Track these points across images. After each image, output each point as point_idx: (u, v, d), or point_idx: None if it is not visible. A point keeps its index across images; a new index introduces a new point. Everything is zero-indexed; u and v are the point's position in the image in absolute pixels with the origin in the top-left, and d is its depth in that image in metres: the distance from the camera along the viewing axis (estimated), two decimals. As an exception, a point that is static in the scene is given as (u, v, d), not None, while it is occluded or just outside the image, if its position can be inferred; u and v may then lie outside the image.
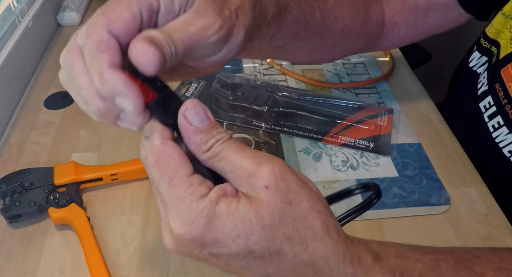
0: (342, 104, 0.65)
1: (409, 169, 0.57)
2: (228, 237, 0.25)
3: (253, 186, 0.26)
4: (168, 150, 0.27)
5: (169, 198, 0.26)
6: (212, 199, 0.26)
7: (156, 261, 0.46)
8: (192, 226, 0.25)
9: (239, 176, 0.27)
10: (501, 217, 0.51)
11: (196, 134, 0.27)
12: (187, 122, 0.27)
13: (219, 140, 0.27)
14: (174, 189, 0.26)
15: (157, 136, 0.27)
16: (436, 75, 1.03)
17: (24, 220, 0.49)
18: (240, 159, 0.27)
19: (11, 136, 0.60)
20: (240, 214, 0.25)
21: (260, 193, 0.26)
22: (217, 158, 0.27)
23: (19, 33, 0.69)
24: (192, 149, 0.27)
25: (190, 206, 0.25)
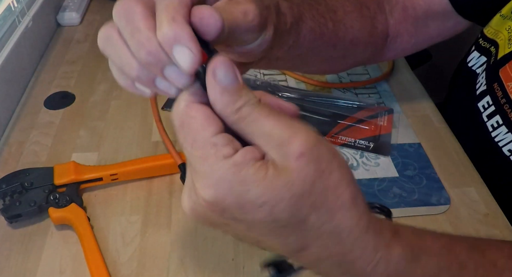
0: (342, 104, 0.65)
1: (409, 169, 0.57)
2: (253, 203, 0.24)
3: (285, 153, 0.25)
4: (191, 112, 0.26)
5: (193, 159, 0.25)
6: (238, 162, 0.24)
7: (156, 261, 0.46)
8: (215, 187, 0.24)
9: (270, 141, 0.25)
10: (501, 217, 0.51)
11: (223, 94, 0.25)
12: (214, 80, 0.25)
13: (247, 101, 0.26)
14: (197, 150, 0.25)
15: (183, 98, 0.26)
16: (436, 75, 1.03)
17: (24, 220, 0.49)
18: (272, 124, 0.25)
19: (11, 136, 0.60)
20: (268, 182, 0.24)
21: (292, 162, 0.25)
22: (246, 121, 0.26)
23: (19, 33, 0.69)
24: (219, 109, 0.26)
25: (213, 167, 0.24)
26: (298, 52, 0.44)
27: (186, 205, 0.27)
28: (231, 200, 0.25)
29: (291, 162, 0.25)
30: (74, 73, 0.73)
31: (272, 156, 0.25)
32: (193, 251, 0.47)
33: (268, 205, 0.24)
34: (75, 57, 0.76)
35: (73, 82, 0.71)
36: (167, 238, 0.48)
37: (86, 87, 0.69)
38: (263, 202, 0.24)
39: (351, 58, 0.54)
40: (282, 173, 0.25)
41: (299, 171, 0.25)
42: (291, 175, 0.25)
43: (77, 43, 0.80)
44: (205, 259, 0.46)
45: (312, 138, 0.25)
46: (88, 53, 0.77)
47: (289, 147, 0.25)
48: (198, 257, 0.46)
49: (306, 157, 0.25)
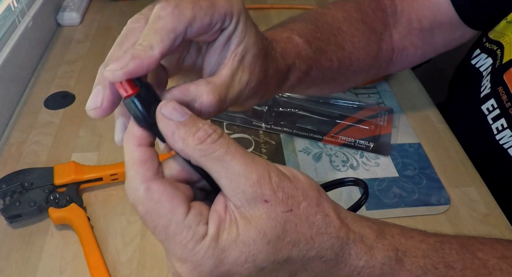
0: (342, 104, 0.65)
1: (409, 169, 0.57)
2: (236, 265, 0.25)
3: (250, 199, 0.25)
4: (154, 197, 0.25)
5: (169, 246, 0.26)
6: (213, 236, 0.25)
7: (156, 261, 0.46)
8: (200, 268, 0.25)
9: (236, 185, 0.25)
10: (501, 217, 0.51)
11: (179, 128, 0.25)
12: (166, 118, 0.26)
13: (210, 134, 0.25)
14: (172, 237, 0.25)
15: (139, 181, 0.26)
16: (436, 75, 1.03)
17: (24, 220, 0.49)
18: (239, 167, 0.25)
19: (11, 136, 0.60)
20: (242, 239, 0.25)
21: (259, 208, 0.25)
22: (212, 157, 0.25)
23: (19, 33, 0.69)
24: (179, 147, 0.26)
25: (194, 251, 0.25)
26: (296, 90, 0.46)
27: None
28: (217, 273, 0.25)
29: (258, 209, 0.25)
30: (74, 73, 0.72)
31: (238, 203, 0.26)
32: (193, 251, 0.47)
33: (250, 260, 0.25)
34: (75, 57, 0.76)
35: (73, 82, 0.71)
36: (167, 238, 0.48)
37: (86, 87, 0.69)
38: (245, 260, 0.25)
39: (352, 82, 0.55)
40: (252, 223, 0.25)
41: (267, 217, 0.25)
42: (261, 223, 0.25)
43: (77, 43, 0.80)
44: (205, 259, 0.46)
45: (275, 179, 0.26)
46: (88, 53, 0.77)
47: (254, 194, 0.25)
48: (198, 257, 0.46)
49: (272, 202, 0.25)
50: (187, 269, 0.25)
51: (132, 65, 0.25)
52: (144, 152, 0.26)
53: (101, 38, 0.81)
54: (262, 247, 0.25)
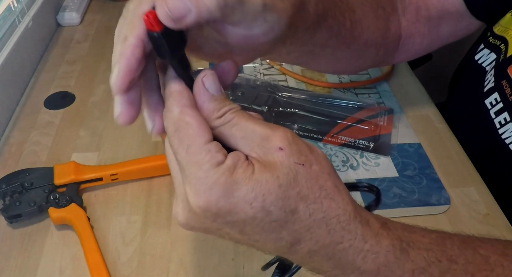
0: (342, 104, 0.65)
1: (409, 169, 0.57)
2: (245, 201, 0.26)
3: (266, 149, 0.27)
4: (186, 119, 0.27)
5: (187, 165, 0.26)
6: (229, 166, 0.26)
7: (156, 261, 0.46)
8: (209, 192, 0.25)
9: (251, 140, 0.27)
10: (501, 217, 0.51)
11: (211, 100, 0.28)
12: (204, 88, 0.28)
13: (231, 108, 0.28)
14: (192, 156, 0.26)
15: (175, 104, 0.28)
16: (436, 75, 1.03)
17: (24, 220, 0.49)
18: (253, 125, 0.27)
19: (11, 136, 0.60)
20: (256, 177, 0.26)
21: (274, 155, 0.26)
22: (229, 124, 0.28)
23: (19, 33, 0.69)
24: (205, 114, 0.28)
25: (208, 173, 0.26)
26: (310, 48, 0.44)
27: (181, 217, 0.28)
28: (223, 203, 0.26)
29: (273, 156, 0.26)
30: (74, 73, 0.72)
31: (254, 155, 0.27)
32: (193, 251, 0.47)
33: (259, 200, 0.26)
34: (75, 57, 0.76)
35: (73, 82, 0.71)
36: (167, 238, 0.48)
37: (86, 87, 0.69)
38: (254, 197, 0.26)
39: (362, 59, 0.54)
40: (266, 167, 0.26)
41: (281, 164, 0.26)
42: (275, 168, 0.26)
43: (77, 43, 0.80)
44: (205, 259, 0.46)
45: (289, 135, 0.27)
46: (88, 53, 0.77)
47: (269, 144, 0.27)
48: (198, 257, 0.46)
49: (286, 151, 0.27)
50: (196, 191, 0.26)
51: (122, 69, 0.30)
52: (181, 83, 0.29)
53: (101, 38, 0.81)
54: (273, 189, 0.26)
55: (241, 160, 0.27)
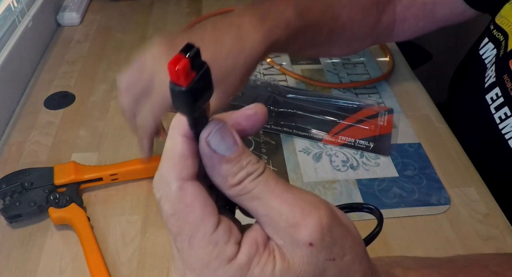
0: (342, 104, 0.65)
1: (409, 169, 0.57)
2: None
3: (293, 240, 0.22)
4: (187, 199, 0.22)
5: (190, 259, 0.22)
6: (243, 264, 0.22)
7: (156, 261, 0.46)
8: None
9: (276, 223, 0.22)
10: (501, 217, 0.51)
11: (221, 163, 0.22)
12: (210, 149, 0.22)
13: (250, 173, 0.22)
14: (196, 250, 0.22)
15: (174, 177, 0.22)
16: (436, 75, 1.03)
17: (24, 220, 0.49)
18: (279, 204, 0.22)
19: (11, 136, 0.60)
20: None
21: (301, 250, 0.22)
22: (248, 196, 0.22)
23: (19, 33, 0.69)
24: (217, 181, 0.23)
25: (216, 274, 0.22)
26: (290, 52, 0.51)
27: None
28: None
29: (300, 251, 0.22)
30: (74, 73, 0.72)
31: (279, 242, 0.22)
32: (193, 251, 0.47)
33: None
34: (75, 57, 0.76)
35: (73, 82, 0.71)
36: (167, 238, 0.48)
37: (86, 87, 0.69)
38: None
39: (349, 48, 0.60)
40: (290, 267, 0.22)
41: (308, 263, 0.22)
42: (300, 267, 0.22)
43: (77, 43, 0.80)
44: (205, 259, 0.46)
45: (324, 222, 0.22)
46: (88, 53, 0.77)
47: (298, 234, 0.22)
48: (198, 257, 0.46)
49: (317, 247, 0.22)
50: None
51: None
52: (188, 146, 0.23)
53: (101, 38, 0.81)
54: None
55: (259, 252, 0.22)
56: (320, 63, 0.75)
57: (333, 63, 0.75)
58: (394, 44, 0.81)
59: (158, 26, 0.85)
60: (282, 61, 0.75)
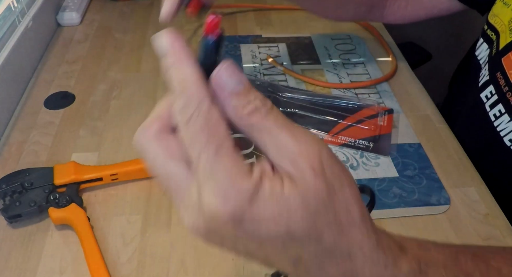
0: (342, 104, 0.65)
1: (409, 169, 0.57)
2: (269, 217, 0.24)
3: (298, 165, 0.24)
4: (215, 115, 0.24)
5: (213, 169, 0.24)
6: (257, 179, 0.24)
7: (156, 261, 0.46)
8: (233, 201, 0.23)
9: (282, 152, 0.25)
10: (501, 217, 0.51)
11: (231, 96, 0.25)
12: (222, 82, 0.25)
13: (259, 107, 0.25)
14: (221, 159, 0.24)
15: (205, 96, 0.24)
16: (436, 75, 1.03)
17: (24, 220, 0.49)
18: (286, 136, 0.25)
19: (11, 136, 0.60)
20: (284, 195, 0.24)
21: (306, 175, 0.24)
22: (257, 127, 0.25)
23: (19, 33, 0.69)
24: (228, 113, 0.25)
25: (235, 182, 0.23)
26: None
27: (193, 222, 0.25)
28: (249, 213, 0.24)
29: (305, 175, 0.24)
30: (74, 73, 0.73)
31: (285, 169, 0.24)
32: (193, 251, 0.47)
33: (285, 218, 0.24)
34: (75, 57, 0.77)
35: (73, 82, 0.71)
36: (167, 238, 0.48)
37: (86, 87, 0.70)
38: (280, 215, 0.24)
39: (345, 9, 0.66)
40: (297, 186, 0.24)
41: (314, 185, 0.24)
42: (305, 188, 0.24)
43: (77, 43, 0.80)
44: (205, 259, 0.46)
45: (325, 154, 0.25)
46: (88, 53, 0.77)
47: (303, 160, 0.24)
48: (198, 257, 0.47)
49: (320, 171, 0.24)
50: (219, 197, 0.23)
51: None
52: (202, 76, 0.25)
53: (101, 38, 0.81)
54: (300, 210, 0.24)
55: (268, 172, 0.25)
56: (320, 63, 0.75)
57: (333, 63, 0.75)
58: (395, 44, 0.81)
59: (158, 26, 0.85)
60: (282, 61, 0.75)
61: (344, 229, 0.25)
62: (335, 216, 0.25)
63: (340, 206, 0.25)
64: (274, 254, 0.25)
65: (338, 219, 0.25)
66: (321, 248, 0.25)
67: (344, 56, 0.77)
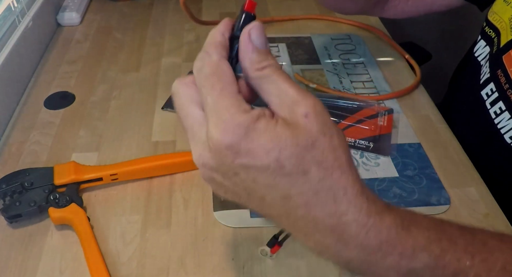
0: (342, 104, 0.65)
1: (409, 169, 0.57)
2: (262, 149, 0.27)
3: (294, 111, 0.28)
4: (223, 67, 0.29)
5: (215, 106, 0.28)
6: (254, 115, 0.27)
7: (156, 261, 0.46)
8: (231, 133, 0.27)
9: (283, 101, 0.28)
10: (501, 217, 0.51)
11: (254, 51, 0.29)
12: (249, 38, 0.29)
13: (272, 65, 0.29)
14: (223, 99, 0.28)
15: (216, 52, 0.29)
16: (436, 75, 1.03)
17: (24, 220, 0.49)
18: (288, 87, 0.28)
19: (11, 136, 0.60)
20: (276, 131, 0.27)
21: (299, 120, 0.28)
22: (267, 79, 0.29)
23: (19, 33, 0.69)
24: (246, 64, 0.29)
25: (233, 117, 0.27)
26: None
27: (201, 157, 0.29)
28: (244, 145, 0.27)
29: (298, 119, 0.28)
30: (74, 73, 0.73)
31: (282, 114, 0.28)
32: (193, 251, 0.47)
33: (275, 151, 0.27)
34: (75, 57, 0.77)
35: (73, 82, 0.71)
36: (167, 238, 0.48)
37: (86, 87, 0.70)
38: (271, 148, 0.27)
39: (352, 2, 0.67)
40: (289, 127, 0.27)
41: (304, 128, 0.27)
42: (297, 129, 0.27)
43: (77, 43, 0.80)
44: (205, 259, 0.46)
45: (318, 105, 0.28)
46: (88, 53, 0.77)
47: (297, 108, 0.28)
48: (198, 257, 0.47)
49: (312, 118, 0.28)
50: (220, 130, 0.27)
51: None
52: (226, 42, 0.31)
53: (101, 38, 0.81)
54: (290, 146, 0.27)
55: (266, 114, 0.28)
56: (320, 63, 0.75)
57: (333, 63, 0.75)
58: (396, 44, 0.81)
59: (158, 26, 0.85)
60: (282, 61, 0.75)
61: (330, 170, 0.28)
62: (322, 156, 0.28)
63: (328, 150, 0.28)
64: (267, 191, 0.28)
65: (325, 160, 0.28)
66: (308, 186, 0.28)
67: (344, 56, 0.77)
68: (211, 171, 0.29)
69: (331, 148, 0.28)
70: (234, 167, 0.28)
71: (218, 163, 0.28)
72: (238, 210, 0.51)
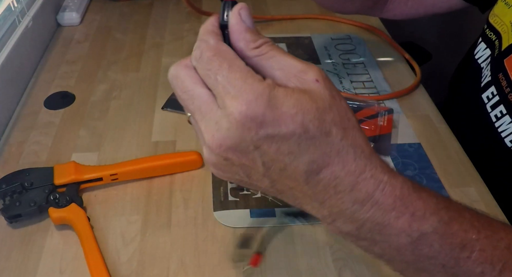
0: (342, 104, 0.65)
1: (409, 169, 0.57)
2: (287, 115, 0.27)
3: (303, 79, 0.28)
4: (223, 47, 0.29)
5: (230, 81, 0.27)
6: (270, 83, 0.27)
7: (156, 261, 0.46)
8: (254, 103, 0.26)
9: (288, 72, 0.29)
10: (501, 217, 0.51)
11: (247, 31, 0.29)
12: (240, 19, 0.29)
13: (267, 41, 0.29)
14: (234, 73, 0.27)
15: (211, 37, 0.29)
16: (436, 75, 1.03)
17: (24, 220, 0.49)
18: (290, 59, 0.29)
19: (11, 136, 0.60)
20: (296, 97, 0.27)
21: (311, 85, 0.28)
22: (266, 56, 0.29)
23: (19, 33, 0.69)
24: (241, 45, 0.29)
25: (253, 87, 0.27)
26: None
27: (217, 137, 0.28)
28: (269, 113, 0.27)
29: (310, 85, 0.28)
30: (74, 73, 0.73)
31: (292, 85, 0.28)
32: (193, 251, 0.47)
33: (300, 114, 0.27)
34: (75, 57, 0.77)
35: (73, 82, 0.71)
36: (167, 238, 0.48)
37: (86, 87, 0.70)
38: (296, 113, 0.27)
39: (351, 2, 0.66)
40: (306, 91, 0.28)
41: (319, 92, 0.28)
42: (313, 93, 0.28)
43: (77, 43, 0.80)
44: (205, 259, 0.46)
45: (323, 71, 0.29)
46: (88, 53, 0.77)
47: (306, 76, 0.28)
48: (198, 257, 0.47)
49: (322, 82, 0.28)
50: (242, 102, 0.27)
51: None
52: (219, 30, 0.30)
53: (101, 38, 0.81)
54: (311, 109, 0.27)
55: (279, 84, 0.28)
56: (320, 63, 0.75)
57: (333, 63, 0.75)
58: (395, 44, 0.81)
59: (158, 26, 0.85)
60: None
61: (347, 130, 0.28)
62: (339, 117, 0.28)
63: (342, 111, 0.29)
64: (290, 160, 0.28)
65: (342, 121, 0.28)
66: (331, 147, 0.28)
67: (344, 56, 0.77)
68: (226, 151, 0.28)
69: (343, 110, 0.29)
70: (256, 140, 0.27)
71: (238, 140, 0.27)
72: (238, 210, 0.51)
